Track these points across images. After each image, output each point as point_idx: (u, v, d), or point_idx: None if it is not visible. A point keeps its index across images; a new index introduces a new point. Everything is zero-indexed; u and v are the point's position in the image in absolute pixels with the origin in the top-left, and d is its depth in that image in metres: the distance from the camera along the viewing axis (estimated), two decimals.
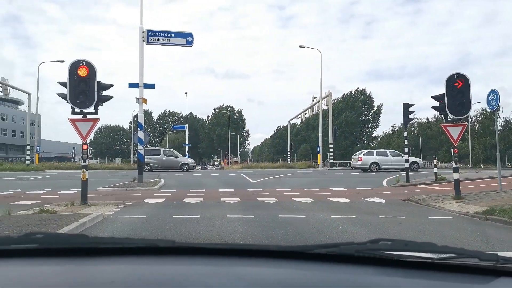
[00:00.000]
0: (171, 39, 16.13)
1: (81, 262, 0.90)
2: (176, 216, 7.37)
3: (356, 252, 0.94)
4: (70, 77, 8.86)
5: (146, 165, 27.21)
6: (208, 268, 0.89)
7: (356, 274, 0.89)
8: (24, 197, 10.97)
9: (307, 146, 74.49)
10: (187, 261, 0.94)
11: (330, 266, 0.92)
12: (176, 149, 75.07)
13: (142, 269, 0.86)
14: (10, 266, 0.90)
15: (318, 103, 40.73)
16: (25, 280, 0.81)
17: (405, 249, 0.97)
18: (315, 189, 13.61)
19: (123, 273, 0.84)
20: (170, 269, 0.88)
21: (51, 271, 0.85)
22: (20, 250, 0.95)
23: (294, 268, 0.90)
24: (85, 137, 9.09)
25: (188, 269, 0.89)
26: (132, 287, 0.75)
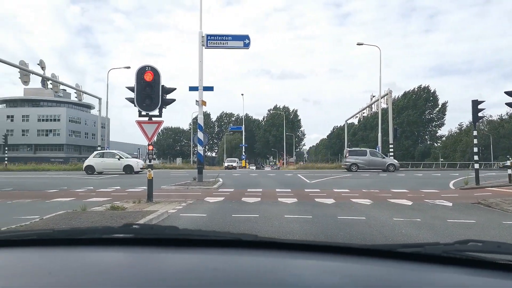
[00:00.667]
0: (229, 42, 16.55)
1: (173, 251, 0.97)
2: (235, 215, 7.55)
3: (443, 252, 0.91)
4: (137, 82, 9.44)
5: (354, 165, 28.00)
6: (294, 261, 0.92)
7: (445, 275, 0.85)
8: (96, 195, 11.89)
9: (365, 146, 72.23)
10: (269, 255, 0.96)
11: (415, 265, 0.90)
12: (232, 149, 76.87)
13: (229, 260, 0.91)
14: (111, 252, 0.98)
15: (377, 102, 39.29)
16: (124, 266, 0.89)
17: (497, 251, 0.91)
18: (374, 191, 13.18)
19: (215, 263, 0.89)
20: (253, 261, 0.91)
21: (147, 259, 0.93)
22: (119, 239, 1.04)
23: (379, 266, 0.90)
24: (151, 138, 9.64)
25: (273, 262, 0.92)
26: (228, 276, 0.80)
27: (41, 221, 6.55)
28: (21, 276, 0.81)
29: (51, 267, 0.85)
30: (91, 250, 1.00)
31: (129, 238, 1.05)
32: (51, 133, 75.19)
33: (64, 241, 1.05)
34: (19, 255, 0.97)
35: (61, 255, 0.95)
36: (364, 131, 78.48)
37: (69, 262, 0.89)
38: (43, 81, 27.28)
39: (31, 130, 74.74)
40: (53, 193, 12.34)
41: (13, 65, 23.12)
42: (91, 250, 1.00)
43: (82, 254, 0.96)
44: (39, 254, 0.97)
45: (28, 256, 0.97)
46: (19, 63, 24.05)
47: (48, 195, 11.67)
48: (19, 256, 0.96)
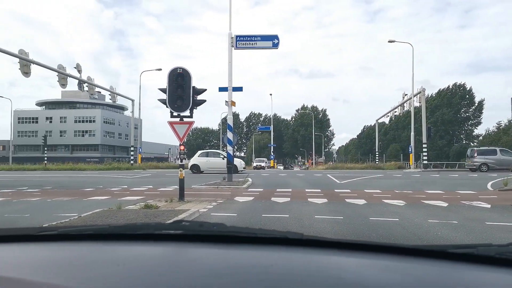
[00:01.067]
0: (258, 42, 16.61)
1: (222, 248, 1.00)
2: (266, 215, 7.58)
3: (496, 254, 0.88)
4: (169, 84, 9.65)
5: (484, 165, 27.19)
6: (347, 259, 0.92)
7: (498, 276, 0.84)
8: (130, 193, 12.25)
9: (397, 146, 70.48)
10: (316, 253, 0.97)
11: (467, 266, 0.89)
12: (260, 149, 77.01)
13: (281, 257, 0.93)
14: (163, 247, 1.03)
15: (409, 100, 38.23)
16: (175, 260, 0.94)
17: None
18: (408, 191, 12.85)
19: (267, 259, 0.91)
20: (304, 259, 0.93)
21: (196, 254, 0.97)
22: (169, 235, 1.09)
23: (433, 265, 0.90)
24: (182, 138, 9.83)
25: (324, 259, 0.93)
26: (283, 272, 0.82)
27: (79, 218, 6.82)
28: (91, 267, 0.86)
29: (115, 260, 0.90)
30: (144, 245, 1.04)
31: (178, 234, 1.08)
32: (87, 133, 78.15)
33: (117, 236, 1.10)
34: (81, 248, 1.03)
35: (118, 248, 1.01)
36: (395, 131, 76.51)
37: (127, 256, 0.94)
38: (79, 84, 28.42)
39: (68, 131, 77.98)
40: (89, 192, 12.83)
41: (52, 69, 24.20)
42: (143, 244, 1.04)
43: (137, 248, 1.01)
44: (97, 248, 1.02)
45: (90, 249, 1.03)
46: (57, 67, 25.16)
47: (85, 194, 12.14)
48: (81, 249, 1.02)
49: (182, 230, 1.11)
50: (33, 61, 22.06)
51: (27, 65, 22.06)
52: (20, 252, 1.01)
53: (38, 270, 0.82)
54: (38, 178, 20.95)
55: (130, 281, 0.77)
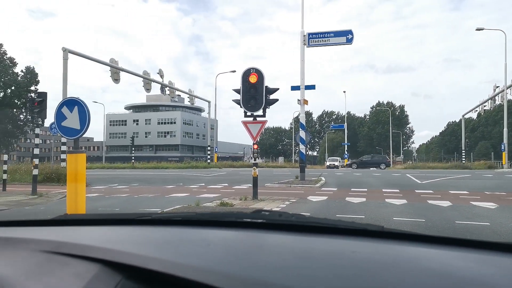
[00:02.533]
0: (331, 39, 16.29)
1: (302, 236, 1.04)
2: (339, 215, 7.41)
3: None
4: (242, 84, 9.90)
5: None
6: (432, 251, 0.92)
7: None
8: (207, 191, 12.82)
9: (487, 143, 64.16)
10: (398, 244, 0.97)
11: None
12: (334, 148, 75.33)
13: (359, 246, 0.95)
14: (243, 233, 1.10)
15: (502, 93, 34.50)
16: (257, 244, 1.01)
17: None
18: (500, 193, 11.63)
19: (345, 247, 0.94)
20: (382, 249, 0.93)
21: (277, 241, 1.02)
22: (249, 223, 1.16)
23: (466, 253, 0.89)
24: (255, 137, 10.02)
25: (405, 250, 0.93)
26: (365, 260, 0.84)
27: (162, 213, 7.32)
28: (183, 245, 0.96)
29: (204, 240, 1.00)
30: (227, 230, 1.13)
31: (258, 223, 1.15)
32: (168, 134, 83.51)
33: (203, 223, 1.22)
34: (172, 230, 1.15)
35: (205, 232, 1.10)
36: (485, 127, 69.69)
37: (213, 238, 1.03)
38: (162, 88, 30.45)
39: (152, 132, 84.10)
40: (171, 189, 13.70)
41: (138, 75, 26.27)
42: (227, 230, 1.13)
43: (222, 232, 1.11)
44: (187, 231, 1.13)
45: (180, 231, 1.15)
46: (142, 73, 27.24)
47: (167, 191, 12.99)
48: (173, 231, 1.14)
49: (263, 219, 1.16)
50: (122, 68, 24.16)
51: (117, 73, 24.24)
52: (122, 232, 1.16)
53: (139, 246, 0.93)
54: (126, 176, 22.93)
55: (218, 258, 0.83)
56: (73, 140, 5.41)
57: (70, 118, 5.33)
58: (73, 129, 5.41)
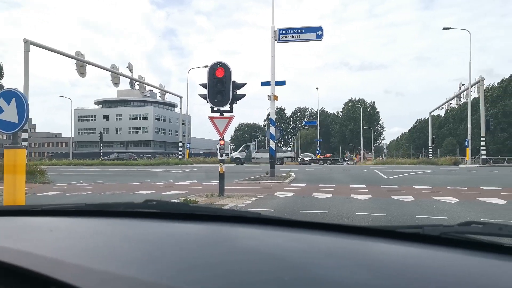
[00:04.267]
0: (301, 35, 16.30)
1: (185, 223, 1.12)
2: (304, 211, 7.39)
3: (442, 234, 0.90)
4: (209, 79, 9.72)
5: None
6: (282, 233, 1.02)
7: (442, 255, 0.85)
8: (174, 187, 12.57)
9: (453, 140, 66.48)
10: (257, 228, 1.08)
11: (414, 246, 0.91)
12: (307, 144, 76.15)
13: (232, 230, 1.06)
14: (134, 223, 1.15)
15: (466, 91, 35.79)
16: (143, 234, 1.04)
17: (499, 233, 0.88)
18: (461, 188, 12.00)
19: (223, 234, 1.04)
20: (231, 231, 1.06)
21: (160, 229, 1.08)
22: (140, 213, 1.23)
23: (382, 244, 0.94)
24: (222, 133, 9.87)
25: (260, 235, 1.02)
26: None
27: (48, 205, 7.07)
28: (28, 234, 1.01)
29: (88, 231, 1.07)
30: (113, 220, 1.20)
31: (147, 212, 1.23)
32: (140, 130, 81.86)
33: (95, 213, 1.28)
34: (67, 221, 1.22)
35: (94, 223, 1.18)
36: (452, 124, 72.12)
37: (100, 228, 1.10)
38: (131, 83, 29.73)
39: (123, 128, 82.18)
40: (137, 186, 13.35)
41: (105, 68, 25.49)
42: (113, 220, 1.20)
43: (105, 222, 1.18)
44: (79, 221, 1.20)
45: (73, 222, 1.20)
46: (110, 67, 26.46)
47: (132, 188, 12.64)
48: (69, 222, 1.20)
49: (149, 208, 1.24)
50: (88, 61, 23.37)
51: (83, 66, 23.43)
52: (13, 222, 1.22)
53: (21, 237, 0.99)
54: (93, 173, 22.24)
55: (56, 246, 0.87)
56: (11, 134, 5.09)
57: (7, 111, 4.98)
58: (10, 123, 5.06)
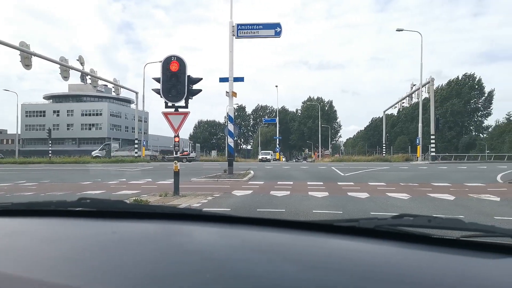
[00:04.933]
0: (260, 31, 16.14)
1: (116, 223, 1.10)
2: (260, 210, 7.21)
3: (376, 226, 0.93)
4: (163, 73, 9.27)
5: None
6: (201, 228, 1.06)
7: (376, 247, 0.89)
8: (127, 187, 11.97)
9: (405, 138, 69.56)
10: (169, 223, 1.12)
11: (351, 239, 0.94)
12: (267, 142, 76.58)
13: (120, 228, 1.05)
14: (67, 223, 1.15)
15: (417, 91, 37.44)
16: (67, 234, 1.02)
17: (428, 225, 0.92)
18: (413, 184, 12.39)
19: (104, 230, 1.04)
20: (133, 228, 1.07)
21: (87, 228, 1.07)
22: (73, 211, 1.21)
23: (318, 238, 0.96)
24: (177, 129, 9.47)
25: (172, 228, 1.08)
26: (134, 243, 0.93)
27: None
28: None
29: (9, 231, 1.05)
30: (42, 219, 1.18)
31: (84, 211, 1.20)
32: (94, 127, 78.30)
33: (24, 212, 1.24)
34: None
35: (18, 223, 1.16)
36: (404, 123, 75.42)
37: (22, 228, 1.08)
38: (82, 76, 28.22)
39: (75, 124, 78.19)
40: (86, 185, 12.58)
41: (53, 60, 23.98)
42: (45, 219, 1.18)
43: (36, 221, 1.16)
44: (2, 221, 1.18)
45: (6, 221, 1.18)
46: (60, 59, 24.93)
47: (81, 187, 11.88)
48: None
49: (82, 207, 1.20)
50: (34, 53, 21.84)
51: (28, 58, 21.85)
52: None
53: None
54: (39, 172, 20.84)
55: (17, 251, 0.86)
56: None
57: None
58: None
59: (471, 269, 0.80)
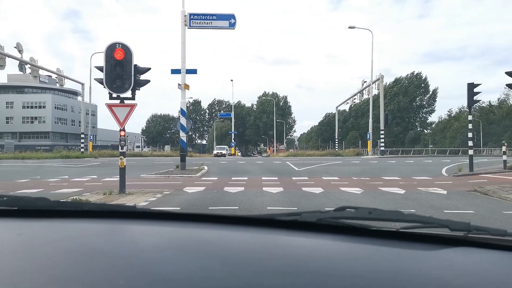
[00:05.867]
0: (213, 21, 15.61)
1: (33, 222, 1.04)
2: (212, 208, 6.83)
3: (318, 220, 0.93)
4: (106, 61, 8.56)
5: None
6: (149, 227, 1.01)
7: (318, 241, 0.90)
8: (68, 185, 11.06)
9: (356, 133, 71.89)
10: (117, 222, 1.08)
11: (293, 233, 0.94)
12: (223, 137, 75.97)
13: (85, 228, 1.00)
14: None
15: (368, 88, 38.66)
16: None
17: (369, 217, 0.93)
18: (365, 178, 12.58)
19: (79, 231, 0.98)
20: None
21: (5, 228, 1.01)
22: None
23: (261, 233, 0.94)
24: (123, 123, 8.80)
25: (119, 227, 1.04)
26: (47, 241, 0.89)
27: None
28: None
29: None
30: None
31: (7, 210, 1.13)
32: (36, 120, 73.26)
33: None
34: None
35: None
36: (355, 118, 77.95)
37: None
38: (20, 65, 26.04)
39: (15, 117, 72.64)
40: (22, 184, 11.48)
41: None
42: None
43: None
44: None
45: None
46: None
47: (16, 186, 10.79)
48: None
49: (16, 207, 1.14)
50: None
51: None
52: None
53: None
54: None
55: None
56: None
57: None
58: None
59: (409, 261, 0.81)
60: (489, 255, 0.86)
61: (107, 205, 1.17)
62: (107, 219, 1.06)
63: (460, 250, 0.86)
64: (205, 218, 1.04)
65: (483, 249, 0.87)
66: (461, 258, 0.84)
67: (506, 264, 0.82)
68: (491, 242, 0.89)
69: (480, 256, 0.85)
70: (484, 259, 0.84)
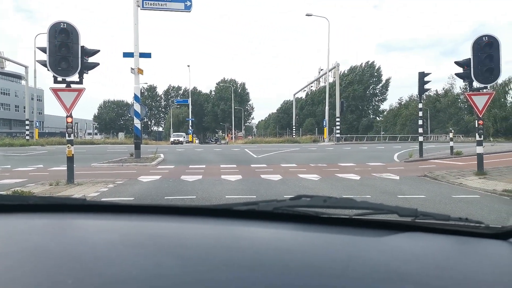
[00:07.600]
0: (168, 3, 14.95)
1: None
2: (168, 198, 6.57)
3: (274, 209, 0.94)
4: (49, 41, 7.89)
5: None
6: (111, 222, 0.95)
7: (274, 230, 0.90)
8: (11, 175, 10.24)
9: (312, 120, 73.30)
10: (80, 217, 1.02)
11: (250, 222, 0.94)
12: (180, 124, 74.43)
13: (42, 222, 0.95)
14: None
15: (324, 75, 39.32)
16: None
17: (324, 205, 0.94)
18: (322, 165, 12.77)
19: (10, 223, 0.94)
20: None
21: None
22: None
23: (218, 224, 0.93)
24: (69, 108, 8.21)
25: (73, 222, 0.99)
26: None
27: None
28: None
29: None
30: None
31: None
32: None
33: None
34: None
35: None
36: (312, 106, 79.30)
37: None
38: None
39: None
40: None
41: None
42: None
43: None
44: None
45: None
46: None
47: None
48: None
49: None
50: None
51: None
52: None
53: None
54: None
55: None
56: None
57: None
58: None
59: (361, 247, 0.82)
60: (434, 239, 0.89)
61: (53, 198, 1.11)
62: (53, 213, 1.00)
63: (407, 236, 0.89)
64: (160, 210, 1.00)
65: (429, 233, 0.91)
66: (407, 243, 0.87)
67: (448, 247, 0.85)
68: (436, 227, 0.93)
69: (425, 241, 0.88)
70: (428, 243, 0.87)
